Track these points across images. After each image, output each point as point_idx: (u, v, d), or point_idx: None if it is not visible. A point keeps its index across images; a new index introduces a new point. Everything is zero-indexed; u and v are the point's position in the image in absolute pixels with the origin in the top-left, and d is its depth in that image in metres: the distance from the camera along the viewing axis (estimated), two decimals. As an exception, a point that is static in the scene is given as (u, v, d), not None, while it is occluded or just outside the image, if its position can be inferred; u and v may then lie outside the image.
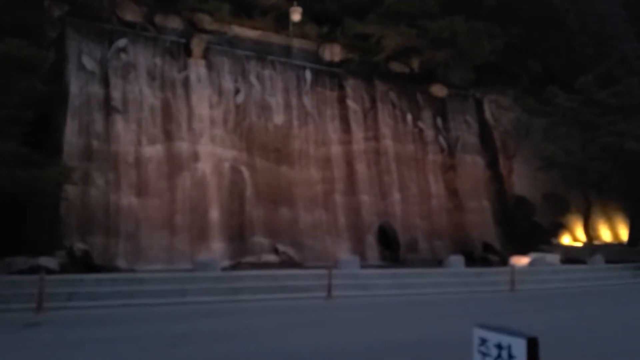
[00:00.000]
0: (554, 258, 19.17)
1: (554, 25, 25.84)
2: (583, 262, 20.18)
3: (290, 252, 18.53)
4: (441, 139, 23.87)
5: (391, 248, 20.73)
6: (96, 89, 17.57)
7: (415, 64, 24.10)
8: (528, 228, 24.91)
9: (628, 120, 20.53)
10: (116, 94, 17.87)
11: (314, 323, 8.90)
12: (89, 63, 17.66)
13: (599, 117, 21.85)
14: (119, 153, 17.42)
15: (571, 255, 22.30)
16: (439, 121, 24.07)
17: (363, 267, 14.90)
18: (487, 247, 22.98)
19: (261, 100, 20.31)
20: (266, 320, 9.20)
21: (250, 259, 17.85)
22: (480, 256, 22.01)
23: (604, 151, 21.55)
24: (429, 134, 23.61)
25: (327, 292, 11.77)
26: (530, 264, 17.54)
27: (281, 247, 18.50)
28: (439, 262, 17.85)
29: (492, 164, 25.12)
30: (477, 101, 25.61)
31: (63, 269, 13.77)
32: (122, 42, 18.39)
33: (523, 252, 19.96)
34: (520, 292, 14.35)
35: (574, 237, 27.12)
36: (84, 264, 14.81)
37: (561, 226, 27.04)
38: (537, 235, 24.76)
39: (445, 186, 23.32)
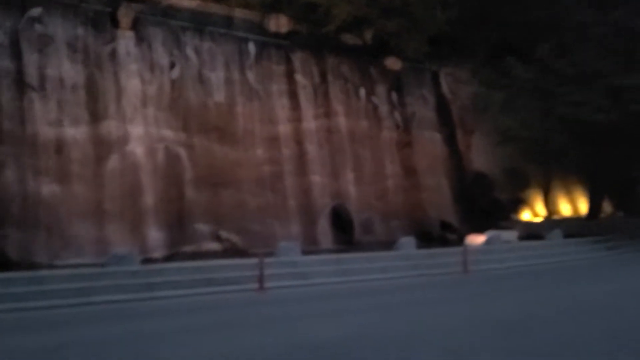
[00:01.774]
0: (511, 235, 18.48)
1: (509, -6, 24.86)
2: (542, 237, 19.60)
3: (234, 238, 17.23)
4: (396, 115, 22.80)
5: (345, 231, 19.67)
6: (6, 64, 15.64)
7: (368, 35, 22.80)
8: (488, 205, 24.28)
9: (584, 90, 19.81)
10: (31, 70, 15.98)
11: (231, 322, 7.65)
12: (-4, 35, 15.69)
13: (556, 87, 21.10)
14: (36, 135, 15.64)
15: (531, 231, 21.79)
16: (394, 96, 22.96)
17: (308, 252, 13.74)
18: (445, 225, 22.24)
19: (199, 75, 18.70)
20: (176, 321, 7.89)
21: (189, 247, 16.48)
22: (439, 235, 21.24)
23: (561, 122, 20.89)
24: (384, 109, 22.49)
25: (258, 284, 10.55)
26: (486, 242, 16.75)
27: (224, 234, 17.18)
28: (393, 244, 16.89)
29: (450, 139, 24.28)
30: (434, 75, 24.62)
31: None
32: (35, 11, 16.41)
33: (483, 229, 19.24)
34: (473, 273, 13.48)
35: (534, 212, 26.74)
36: (-6, 260, 13.20)
37: (521, 202, 26.60)
38: (497, 211, 24.20)
39: (402, 164, 22.34)
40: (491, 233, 17.67)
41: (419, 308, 8.69)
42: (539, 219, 25.86)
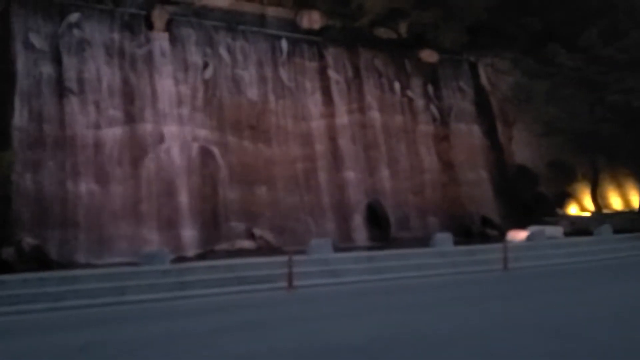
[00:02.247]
0: (556, 230, 17.57)
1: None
2: (590, 233, 18.56)
3: (268, 236, 17.20)
4: (433, 108, 22.17)
5: (381, 227, 19.29)
6: (47, 69, 16.19)
7: (403, 28, 22.27)
8: (531, 199, 23.30)
9: (637, 76, 18.60)
10: (70, 74, 16.48)
11: (255, 323, 7.52)
12: (37, 41, 16.24)
13: (606, 74, 19.90)
14: (75, 138, 16.11)
15: (579, 226, 20.72)
16: (430, 89, 22.34)
17: (340, 250, 13.49)
18: (486, 221, 21.45)
19: (232, 74, 18.78)
20: (204, 320, 7.85)
21: (223, 245, 16.58)
22: (479, 231, 20.52)
23: (611, 112, 19.69)
24: (419, 103, 21.92)
25: (287, 282, 10.40)
26: (529, 238, 15.97)
27: (258, 232, 17.17)
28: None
29: (490, 132, 23.41)
30: (472, 66, 23.78)
31: (9, 268, 12.66)
32: (74, 17, 16.91)
33: (526, 225, 18.41)
34: (514, 270, 12.86)
35: (581, 206, 25.44)
36: (36, 260, 13.65)
37: (567, 195, 25.36)
38: (542, 206, 23.16)
39: (439, 158, 21.72)
40: (534, 228, 16.86)
41: (452, 307, 8.29)
42: (587, 214, 24.59)
